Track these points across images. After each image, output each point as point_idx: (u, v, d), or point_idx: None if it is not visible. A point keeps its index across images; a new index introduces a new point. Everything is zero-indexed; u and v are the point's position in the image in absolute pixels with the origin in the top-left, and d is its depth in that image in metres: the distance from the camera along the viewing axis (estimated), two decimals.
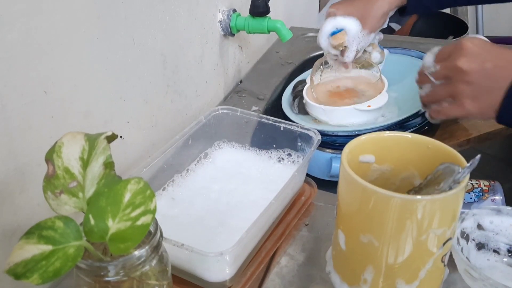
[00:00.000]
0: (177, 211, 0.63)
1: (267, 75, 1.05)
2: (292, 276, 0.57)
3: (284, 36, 0.89)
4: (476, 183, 0.69)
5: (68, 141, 0.41)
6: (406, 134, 0.52)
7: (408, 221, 0.44)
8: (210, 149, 0.74)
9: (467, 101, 0.61)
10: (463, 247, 0.55)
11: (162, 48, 0.73)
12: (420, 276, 0.48)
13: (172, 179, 0.67)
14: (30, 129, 0.52)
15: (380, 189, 0.44)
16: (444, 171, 0.47)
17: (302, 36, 1.23)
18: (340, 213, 0.51)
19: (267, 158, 0.72)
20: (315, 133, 0.67)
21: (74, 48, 0.56)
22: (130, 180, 0.39)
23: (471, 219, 0.56)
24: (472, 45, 0.60)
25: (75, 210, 0.40)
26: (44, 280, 0.36)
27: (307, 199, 0.68)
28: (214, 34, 0.89)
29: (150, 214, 0.39)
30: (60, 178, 0.40)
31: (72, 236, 0.37)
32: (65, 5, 0.53)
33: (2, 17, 0.46)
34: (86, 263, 0.39)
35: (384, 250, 0.46)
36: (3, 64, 0.47)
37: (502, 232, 0.56)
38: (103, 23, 0.60)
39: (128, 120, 0.68)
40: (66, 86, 0.56)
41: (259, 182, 0.68)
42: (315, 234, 0.63)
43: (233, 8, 0.91)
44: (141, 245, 0.40)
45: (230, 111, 0.73)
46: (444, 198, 0.44)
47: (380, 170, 0.53)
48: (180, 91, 0.81)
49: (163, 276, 0.44)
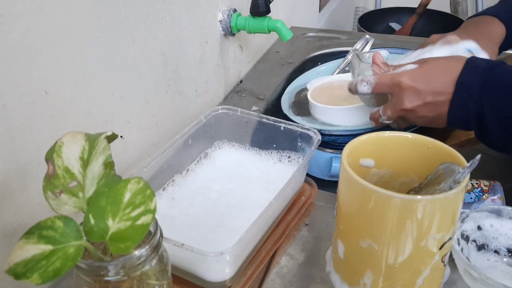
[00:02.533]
0: (177, 211, 0.63)
1: (267, 75, 1.05)
2: (292, 276, 0.57)
3: (285, 36, 0.89)
4: (476, 183, 0.69)
5: (68, 140, 0.41)
6: (406, 134, 0.52)
7: (408, 221, 0.44)
8: (210, 149, 0.74)
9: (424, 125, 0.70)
10: (463, 248, 0.55)
11: (162, 48, 0.73)
12: (420, 276, 0.48)
13: (172, 179, 0.67)
14: (30, 129, 0.52)
15: (380, 189, 0.44)
16: (445, 171, 0.47)
17: (302, 36, 1.23)
18: (340, 213, 0.51)
19: (267, 158, 0.72)
20: (315, 133, 0.67)
21: (74, 48, 0.56)
22: (130, 179, 0.39)
23: (471, 221, 0.56)
24: (410, 83, 0.65)
25: (75, 210, 0.40)
26: (44, 280, 0.36)
27: (307, 199, 0.68)
28: (214, 34, 0.89)
29: (150, 213, 0.39)
30: (60, 178, 0.40)
31: (72, 236, 0.37)
32: (65, 5, 0.53)
33: (2, 17, 0.46)
34: (86, 263, 0.39)
35: (384, 252, 0.46)
36: (4, 64, 0.47)
37: (502, 236, 0.56)
38: (104, 23, 0.60)
39: (129, 120, 0.68)
40: (67, 86, 0.56)
41: (259, 182, 0.68)
42: (315, 234, 0.63)
43: (234, 8, 0.92)
44: (141, 245, 0.40)
45: (230, 111, 0.73)
46: (444, 198, 0.44)
47: (379, 174, 0.53)
48: (181, 91, 0.81)
49: (163, 276, 0.44)
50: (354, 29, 2.22)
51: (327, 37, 1.22)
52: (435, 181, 0.48)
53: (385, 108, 0.69)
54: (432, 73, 0.65)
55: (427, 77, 0.65)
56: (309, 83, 0.92)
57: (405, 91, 0.65)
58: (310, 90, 0.88)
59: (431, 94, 0.64)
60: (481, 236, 0.57)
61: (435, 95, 0.64)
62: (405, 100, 0.65)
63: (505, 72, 0.62)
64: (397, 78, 0.66)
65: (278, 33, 0.89)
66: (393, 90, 0.67)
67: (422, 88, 0.64)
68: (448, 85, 0.63)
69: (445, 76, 0.64)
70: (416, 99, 0.65)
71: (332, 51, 1.14)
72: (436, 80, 0.64)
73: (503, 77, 0.61)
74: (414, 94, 0.65)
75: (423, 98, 0.64)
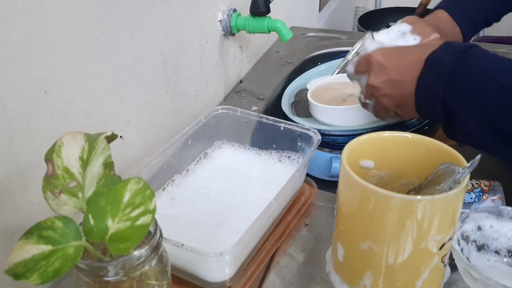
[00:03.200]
0: (177, 211, 0.62)
1: (267, 75, 1.05)
2: (292, 276, 0.57)
3: (285, 36, 0.89)
4: (476, 183, 0.69)
5: (68, 141, 0.41)
6: (406, 134, 0.52)
7: (408, 221, 0.44)
8: (210, 149, 0.74)
9: (394, 109, 0.65)
10: (463, 248, 0.55)
11: (162, 48, 0.73)
12: (420, 276, 0.48)
13: (172, 179, 0.67)
14: (30, 129, 0.52)
15: (380, 189, 0.44)
16: (445, 171, 0.47)
17: (302, 36, 1.23)
18: (340, 214, 0.51)
19: (267, 158, 0.72)
20: (315, 133, 0.67)
21: (74, 48, 0.56)
22: (129, 180, 0.39)
23: (472, 222, 0.56)
24: (379, 58, 0.63)
25: (74, 210, 0.40)
26: (43, 280, 0.36)
27: (307, 199, 0.68)
28: (214, 34, 0.89)
29: (149, 214, 0.39)
30: (60, 178, 0.40)
31: (71, 236, 0.37)
32: (65, 5, 0.53)
33: (2, 17, 0.46)
34: (86, 263, 0.39)
35: (384, 253, 0.46)
36: (4, 64, 0.47)
37: (502, 237, 0.56)
38: (103, 23, 0.60)
39: (128, 120, 0.68)
40: (66, 86, 0.56)
41: (259, 182, 0.68)
42: (315, 234, 0.63)
43: (233, 8, 0.91)
44: (140, 245, 0.40)
45: (230, 111, 0.73)
46: (444, 198, 0.44)
47: (379, 176, 0.53)
48: (180, 91, 0.81)
49: (162, 276, 0.44)
50: (354, 29, 2.22)
51: (327, 37, 1.22)
52: (435, 181, 0.48)
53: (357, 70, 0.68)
54: (405, 50, 0.62)
55: (399, 54, 0.62)
56: (309, 83, 0.92)
57: (373, 66, 0.63)
58: (310, 90, 0.88)
59: (396, 70, 0.61)
60: (481, 236, 0.57)
61: (401, 73, 0.61)
62: (372, 75, 0.64)
63: (482, 52, 0.57)
64: (370, 54, 0.64)
65: (278, 33, 0.89)
66: (366, 67, 0.65)
67: (388, 64, 0.62)
68: (417, 62, 0.59)
69: (416, 55, 0.60)
70: (381, 75, 0.62)
71: (332, 51, 1.14)
72: (406, 57, 0.61)
73: (479, 58, 0.56)
74: (379, 69, 0.63)
75: (387, 74, 0.62)
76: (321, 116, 0.83)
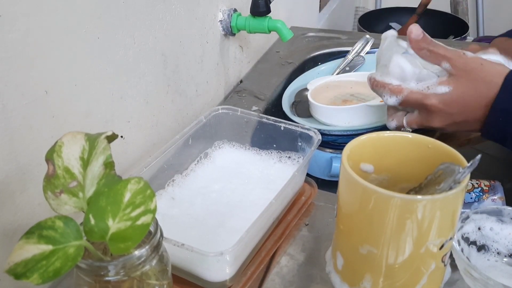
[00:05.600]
0: (177, 211, 0.63)
1: (267, 75, 1.05)
2: (292, 276, 0.57)
3: (285, 36, 0.89)
4: (476, 183, 0.69)
5: (68, 140, 0.41)
6: (406, 134, 0.52)
7: (408, 221, 0.44)
8: (210, 149, 0.74)
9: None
10: (463, 248, 0.55)
11: (162, 47, 0.73)
12: (420, 277, 0.48)
13: (172, 179, 0.67)
14: (30, 129, 0.52)
15: (380, 189, 0.44)
16: (445, 171, 0.47)
17: (302, 36, 1.23)
18: (340, 214, 0.51)
19: (267, 158, 0.72)
20: (315, 133, 0.67)
21: (74, 48, 0.56)
22: (130, 179, 0.39)
23: (472, 223, 0.56)
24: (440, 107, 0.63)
25: (75, 210, 0.40)
26: (44, 280, 0.36)
27: (307, 199, 0.68)
28: (214, 34, 0.89)
29: (150, 213, 0.39)
30: (60, 178, 0.40)
31: (72, 236, 0.37)
32: (65, 5, 0.53)
33: (2, 17, 0.46)
34: (86, 263, 0.39)
35: (384, 253, 0.46)
36: (4, 64, 0.47)
37: (502, 239, 0.56)
38: (104, 23, 0.60)
39: (129, 119, 0.68)
40: (67, 86, 0.56)
41: (259, 182, 0.68)
42: (315, 234, 0.63)
43: (234, 8, 0.91)
44: (141, 245, 0.40)
45: (230, 111, 0.73)
46: (444, 198, 0.44)
47: (378, 180, 0.53)
48: (181, 91, 0.81)
49: (163, 276, 0.44)
50: (354, 29, 2.22)
51: (327, 37, 1.22)
52: (435, 181, 0.48)
53: (410, 121, 0.67)
54: (465, 97, 0.62)
55: (460, 102, 0.62)
56: (309, 83, 0.92)
57: (435, 113, 0.63)
58: (310, 90, 0.88)
59: (463, 115, 0.62)
60: (481, 237, 0.57)
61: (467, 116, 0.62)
62: (435, 120, 0.64)
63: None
64: (426, 101, 0.63)
65: (278, 33, 0.89)
66: (420, 109, 0.65)
67: (453, 112, 0.62)
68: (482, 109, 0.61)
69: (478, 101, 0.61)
70: (447, 120, 0.63)
71: (332, 51, 1.14)
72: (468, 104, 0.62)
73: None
74: (445, 115, 0.63)
75: (453, 119, 0.63)
76: (322, 116, 0.83)
